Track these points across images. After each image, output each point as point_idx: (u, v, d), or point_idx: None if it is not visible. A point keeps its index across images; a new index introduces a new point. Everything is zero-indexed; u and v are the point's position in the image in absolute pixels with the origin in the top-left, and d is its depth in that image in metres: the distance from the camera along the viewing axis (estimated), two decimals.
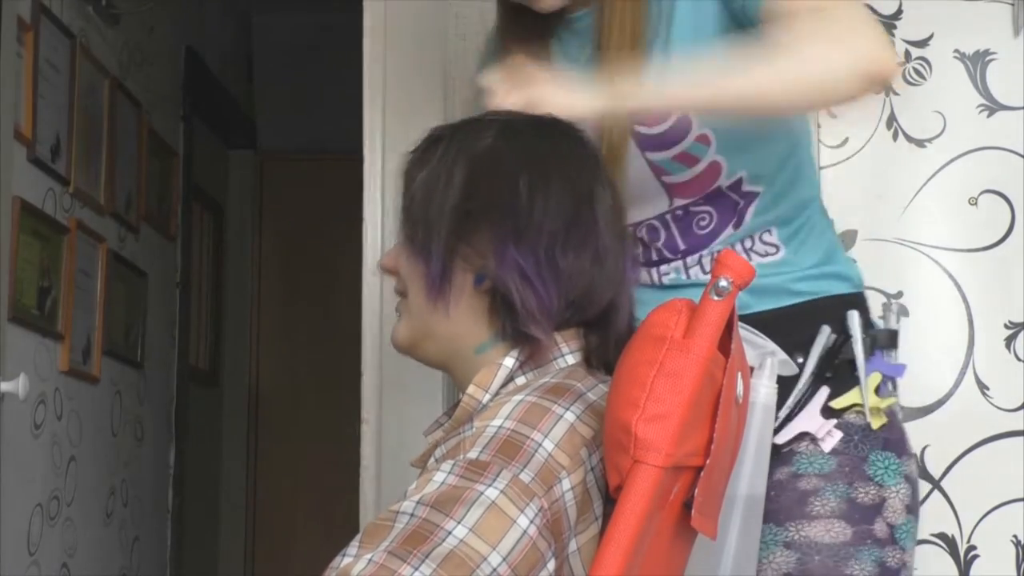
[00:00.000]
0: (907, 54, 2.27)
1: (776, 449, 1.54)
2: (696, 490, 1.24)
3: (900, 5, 2.27)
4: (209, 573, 5.08)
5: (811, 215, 1.65)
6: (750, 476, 1.41)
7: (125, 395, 3.77)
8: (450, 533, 1.18)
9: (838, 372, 1.58)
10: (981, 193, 2.24)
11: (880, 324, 1.66)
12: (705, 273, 1.61)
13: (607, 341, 1.38)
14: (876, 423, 1.58)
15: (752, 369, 1.43)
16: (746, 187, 1.59)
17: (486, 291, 1.36)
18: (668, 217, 1.61)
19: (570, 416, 1.28)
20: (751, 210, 1.60)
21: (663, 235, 1.62)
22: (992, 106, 2.25)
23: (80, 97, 3.30)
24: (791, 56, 1.45)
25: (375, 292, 2.31)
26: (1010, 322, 2.23)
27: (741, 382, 1.32)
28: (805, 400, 1.57)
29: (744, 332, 1.39)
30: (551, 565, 1.22)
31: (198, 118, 4.60)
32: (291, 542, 5.17)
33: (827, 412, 1.57)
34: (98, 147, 3.48)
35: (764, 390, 1.44)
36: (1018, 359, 2.22)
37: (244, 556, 5.28)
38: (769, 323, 1.55)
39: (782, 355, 1.48)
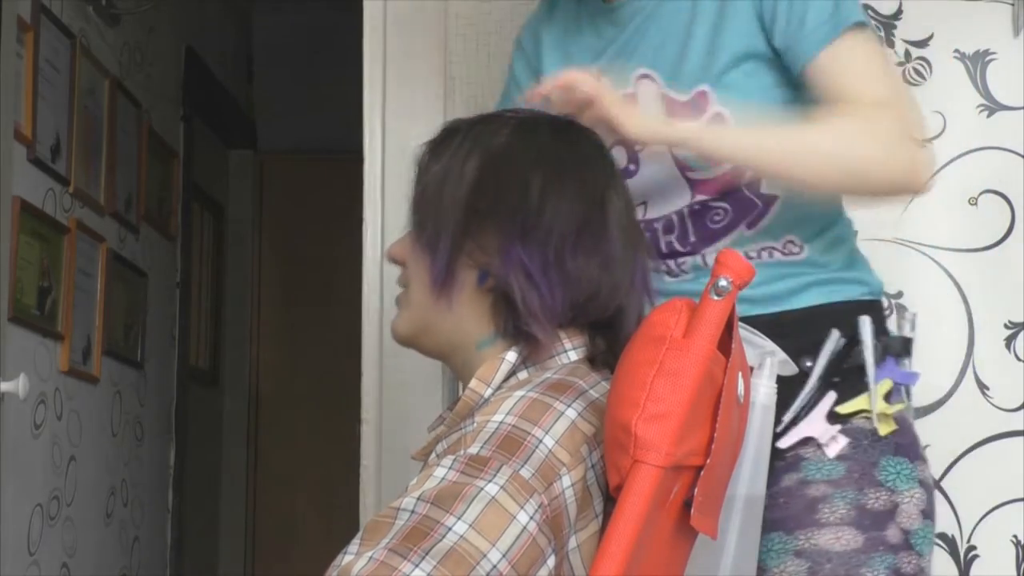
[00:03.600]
0: (907, 54, 2.27)
1: (780, 453, 1.54)
2: (696, 489, 1.24)
3: (900, 5, 2.27)
4: (209, 573, 5.08)
5: (835, 222, 1.64)
6: (750, 476, 1.41)
7: (125, 395, 3.76)
8: (450, 529, 1.18)
9: (847, 377, 1.56)
10: (981, 193, 2.24)
11: (895, 331, 1.64)
12: (707, 265, 1.58)
13: (614, 346, 1.38)
14: (884, 429, 1.56)
15: (752, 369, 1.42)
16: (765, 189, 1.58)
17: (489, 289, 1.36)
18: (685, 211, 1.61)
19: (571, 413, 1.28)
20: (771, 214, 1.59)
21: (677, 229, 1.62)
22: (992, 106, 2.25)
23: (80, 97, 3.30)
24: (843, 138, 1.48)
25: (375, 292, 2.31)
26: (1010, 322, 2.23)
27: (742, 382, 1.32)
28: (811, 404, 1.55)
29: (744, 332, 1.39)
30: (551, 561, 1.22)
31: (198, 118, 4.60)
32: (291, 542, 5.17)
33: (833, 417, 1.55)
34: (98, 147, 3.48)
35: (764, 390, 1.43)
36: (1018, 359, 2.22)
37: (244, 556, 5.27)
38: (781, 325, 1.54)
39: (781, 355, 1.47)
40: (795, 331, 1.55)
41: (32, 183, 3.02)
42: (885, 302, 1.71)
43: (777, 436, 1.53)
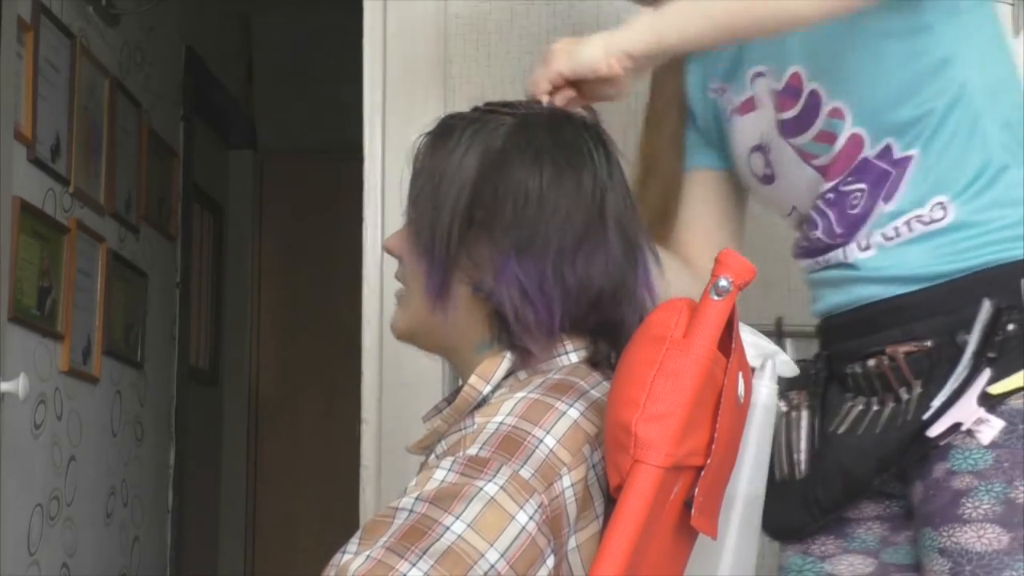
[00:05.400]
0: None
1: (932, 443, 1.42)
2: (696, 489, 1.24)
3: None
4: (209, 573, 5.08)
5: (999, 171, 1.45)
6: (750, 476, 1.40)
7: (125, 395, 3.76)
8: (448, 529, 1.18)
9: (1004, 351, 1.39)
10: None
11: None
12: (863, 250, 1.50)
13: (616, 347, 1.37)
14: None
15: (753, 370, 1.42)
16: (897, 154, 1.47)
17: (485, 298, 1.35)
18: (821, 203, 1.53)
19: (573, 413, 1.28)
20: (906, 178, 1.47)
21: (820, 223, 1.53)
22: None
23: (80, 97, 3.30)
24: None
25: (375, 292, 2.31)
26: None
27: (742, 382, 1.32)
28: (964, 386, 1.40)
29: (746, 334, 1.39)
30: (550, 562, 1.22)
31: (198, 118, 4.60)
32: (291, 542, 5.17)
33: (985, 399, 1.39)
34: (98, 147, 3.48)
35: (765, 391, 1.42)
36: None
37: (244, 556, 5.27)
38: (938, 299, 1.43)
39: (783, 356, 1.46)
40: (955, 302, 1.42)
41: (32, 183, 3.02)
42: None
43: (926, 424, 1.41)
